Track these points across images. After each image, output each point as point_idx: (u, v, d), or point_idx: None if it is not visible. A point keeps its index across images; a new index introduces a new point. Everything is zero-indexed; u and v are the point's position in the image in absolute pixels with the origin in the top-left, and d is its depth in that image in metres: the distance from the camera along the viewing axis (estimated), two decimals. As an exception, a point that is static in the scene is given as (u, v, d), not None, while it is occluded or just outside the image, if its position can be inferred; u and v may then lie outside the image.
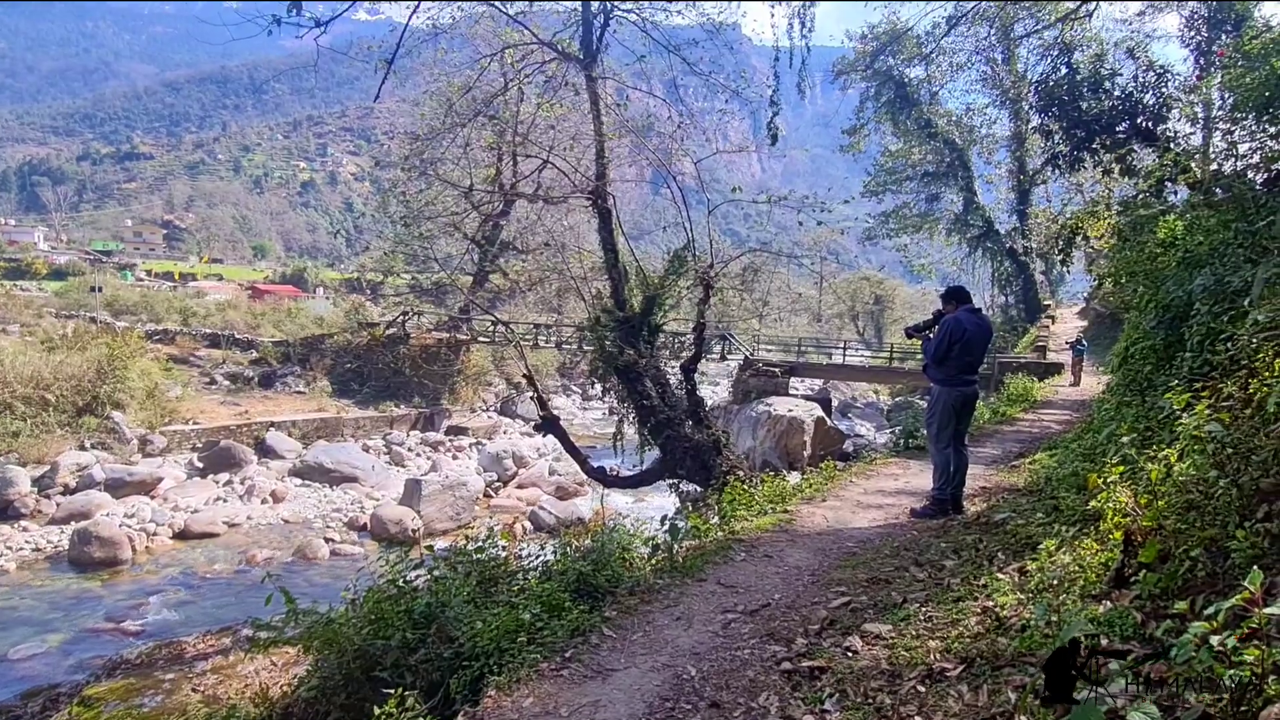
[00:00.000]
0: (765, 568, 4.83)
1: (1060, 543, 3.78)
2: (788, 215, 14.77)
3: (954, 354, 5.87)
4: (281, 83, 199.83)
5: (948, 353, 5.90)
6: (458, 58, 19.64)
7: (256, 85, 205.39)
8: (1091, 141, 11.36)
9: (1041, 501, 5.58)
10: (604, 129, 13.71)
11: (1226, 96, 9.21)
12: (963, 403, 6.07)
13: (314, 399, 27.77)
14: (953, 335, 5.86)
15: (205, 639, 10.45)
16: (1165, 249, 7.03)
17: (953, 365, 5.92)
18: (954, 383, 5.97)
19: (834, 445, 20.09)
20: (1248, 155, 7.88)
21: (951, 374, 5.94)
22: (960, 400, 6.05)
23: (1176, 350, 5.46)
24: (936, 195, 34.78)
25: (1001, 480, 7.42)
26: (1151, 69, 11.64)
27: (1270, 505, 2.80)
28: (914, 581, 4.24)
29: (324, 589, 13.07)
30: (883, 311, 47.18)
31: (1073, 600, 3.07)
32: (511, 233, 26.56)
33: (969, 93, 33.08)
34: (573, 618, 3.93)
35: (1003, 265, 33.55)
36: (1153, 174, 9.68)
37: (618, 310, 13.10)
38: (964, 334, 5.88)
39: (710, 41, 14.80)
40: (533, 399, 14.53)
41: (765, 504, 6.64)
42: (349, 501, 19.92)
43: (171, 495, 18.68)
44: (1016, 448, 9.70)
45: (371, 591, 4.74)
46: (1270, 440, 2.98)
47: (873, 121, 33.95)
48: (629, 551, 5.11)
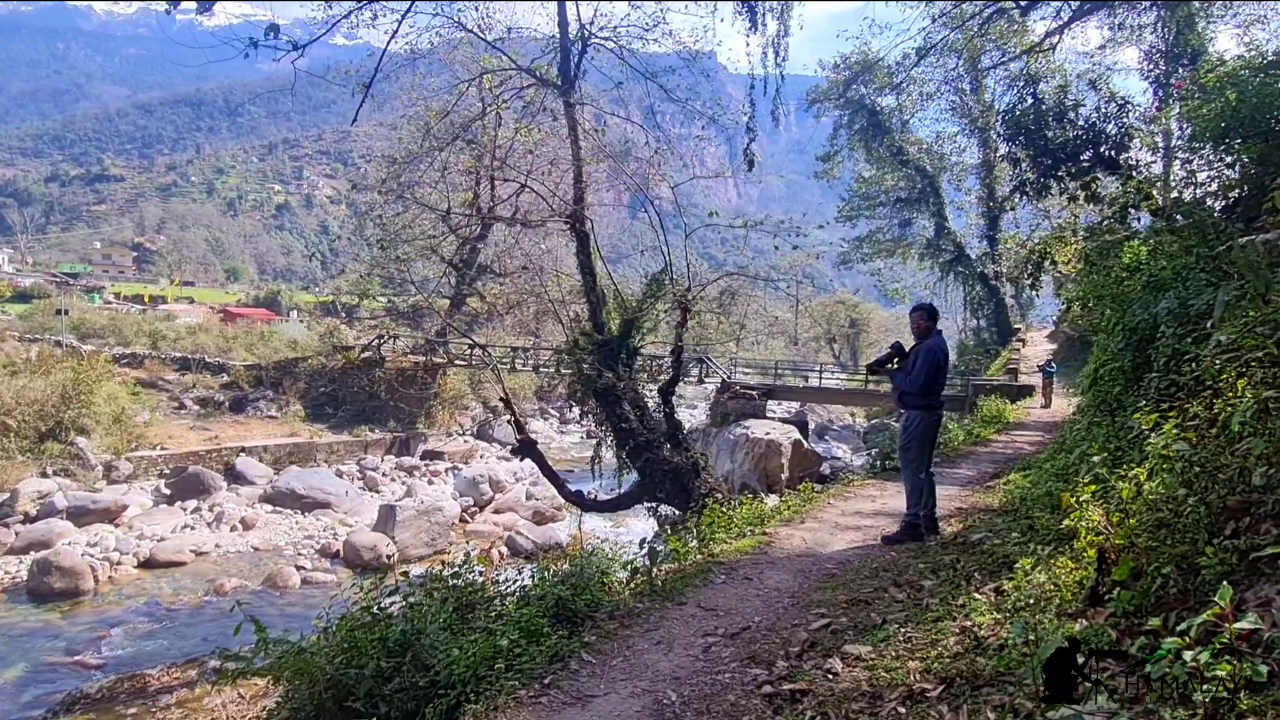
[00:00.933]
0: (745, 590, 4.81)
1: (1036, 562, 3.81)
2: (764, 239, 14.96)
3: (939, 381, 5.88)
4: (257, 105, 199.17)
5: (934, 380, 5.86)
6: (436, 82, 19.78)
7: (232, 108, 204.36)
8: (1057, 169, 11.68)
9: (1017, 521, 5.63)
10: (582, 154, 13.83)
11: (1185, 127, 9.53)
12: (938, 427, 6.15)
13: (286, 423, 27.34)
14: (938, 362, 5.83)
15: (170, 671, 10.15)
16: (1130, 273, 7.21)
17: (935, 392, 5.93)
18: (934, 408, 5.98)
19: (811, 467, 20.15)
20: (1206, 183, 8.13)
21: (933, 401, 5.95)
22: (937, 425, 6.11)
23: (1144, 371, 5.58)
24: (909, 220, 35.46)
25: (977, 501, 7.49)
26: (1113, 100, 12.03)
27: (1238, 522, 2.86)
28: (893, 602, 4.24)
29: (295, 618, 12.77)
30: (858, 335, 47.71)
31: (1049, 619, 3.09)
32: (489, 256, 26.57)
33: (939, 121, 33.82)
34: (551, 643, 3.88)
35: (974, 289, 34.20)
36: (1116, 201, 9.95)
37: (596, 333, 13.11)
38: (946, 359, 5.92)
39: (686, 69, 15.04)
40: (510, 422, 14.44)
41: (744, 526, 6.63)
42: (322, 528, 19.54)
43: (137, 523, 18.20)
44: (991, 468, 9.81)
45: (345, 619, 4.65)
46: (1235, 459, 3.05)
47: (846, 148, 34.70)
48: (608, 575, 5.07)
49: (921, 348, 5.87)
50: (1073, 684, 2.07)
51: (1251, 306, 3.28)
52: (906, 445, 6.05)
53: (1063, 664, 2.07)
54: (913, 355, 5.96)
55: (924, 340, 5.89)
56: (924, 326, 5.90)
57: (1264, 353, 3.18)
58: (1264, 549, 2.44)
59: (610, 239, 20.60)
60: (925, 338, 5.92)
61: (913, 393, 5.90)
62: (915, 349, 5.97)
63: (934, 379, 5.83)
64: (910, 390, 5.92)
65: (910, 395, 5.93)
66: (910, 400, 5.96)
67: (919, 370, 5.85)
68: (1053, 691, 2.09)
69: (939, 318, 5.98)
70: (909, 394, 5.93)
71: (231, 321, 48.54)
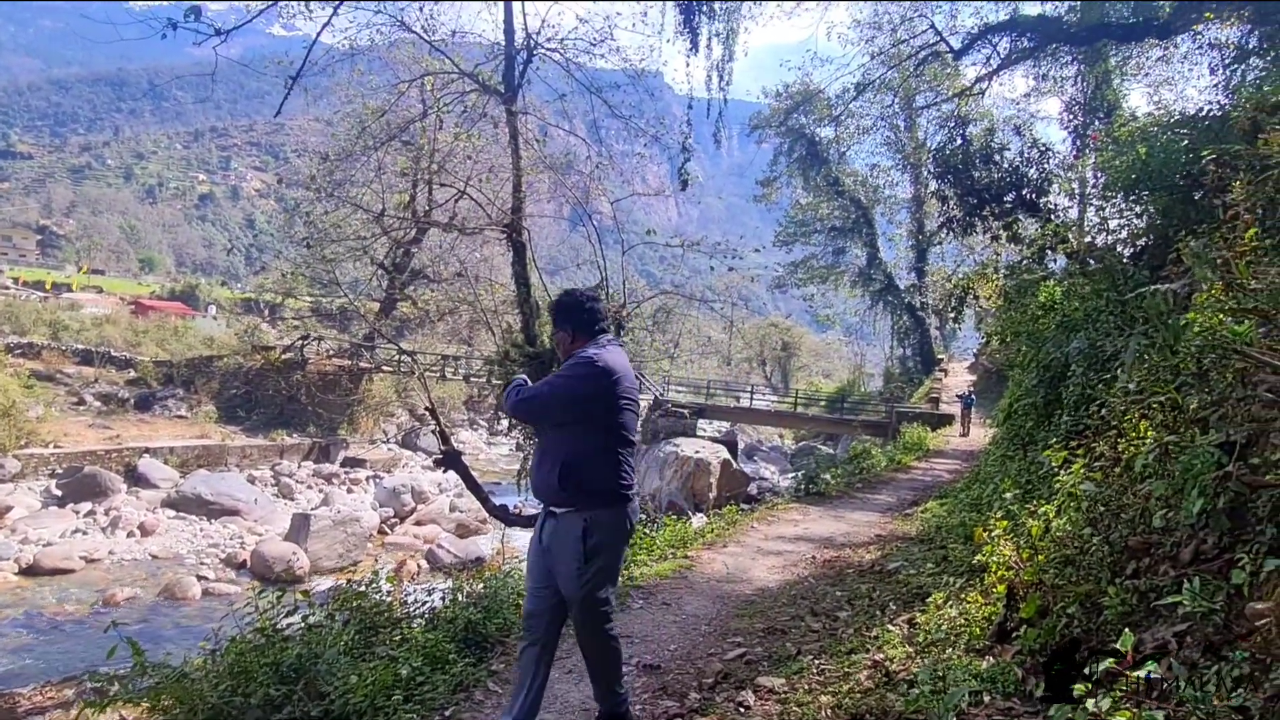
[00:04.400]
0: (662, 616, 4.72)
1: (948, 595, 3.85)
2: (701, 259, 15.07)
3: (614, 429, 2.92)
4: (185, 90, 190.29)
5: (588, 449, 2.90)
6: (375, 81, 19.27)
7: (156, 91, 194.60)
8: (982, 209, 12.18)
9: (932, 551, 5.74)
10: (522, 163, 13.66)
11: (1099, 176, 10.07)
12: (618, 555, 3.07)
13: (197, 424, 25.93)
14: (612, 390, 2.91)
15: (44, 691, 9.34)
16: (1045, 312, 7.52)
17: (602, 470, 2.91)
18: (623, 498, 2.96)
19: (739, 487, 20.32)
20: (1117, 230, 8.56)
21: (616, 484, 2.92)
22: (617, 550, 3.03)
23: (1055, 408, 5.79)
24: (842, 249, 36.50)
25: (896, 528, 7.63)
26: (1035, 146, 12.65)
27: (1139, 562, 2.93)
28: (809, 631, 4.23)
29: (193, 632, 11.99)
30: (789, 358, 48.65)
31: (958, 655, 3.10)
32: (423, 261, 25.96)
33: (874, 154, 35.04)
34: (457, 671, 3.70)
35: (902, 319, 35.39)
36: (1035, 242, 10.42)
37: (528, 345, 12.91)
38: (609, 391, 2.91)
39: (632, 86, 15.08)
40: (434, 432, 14.02)
41: (666, 549, 6.55)
42: (228, 536, 18.51)
43: (21, 526, 16.85)
44: (910, 495, 10.05)
45: (235, 641, 4.32)
46: (1138, 499, 3.14)
47: (785, 175, 35.58)
48: (523, 597, 4.89)
49: (578, 359, 2.94)
50: (1073, 683, 2.06)
51: (1159, 355, 3.40)
52: (592, 581, 2.90)
53: (1064, 663, 2.07)
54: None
55: (571, 363, 2.97)
56: (567, 345, 3.07)
57: (1166, 397, 3.30)
58: (1162, 592, 2.50)
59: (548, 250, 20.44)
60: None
61: (555, 487, 2.91)
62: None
63: (587, 446, 2.89)
64: (552, 485, 2.92)
65: (556, 492, 2.92)
66: (559, 497, 2.94)
67: (551, 452, 2.97)
68: (1053, 691, 2.08)
69: (601, 319, 3.08)
70: (568, 479, 2.88)
71: (143, 314, 45.87)
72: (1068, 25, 14.24)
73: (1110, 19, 13.33)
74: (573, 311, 3.06)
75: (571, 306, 3.07)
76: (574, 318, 3.05)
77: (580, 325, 3.03)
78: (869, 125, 31.80)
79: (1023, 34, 14.95)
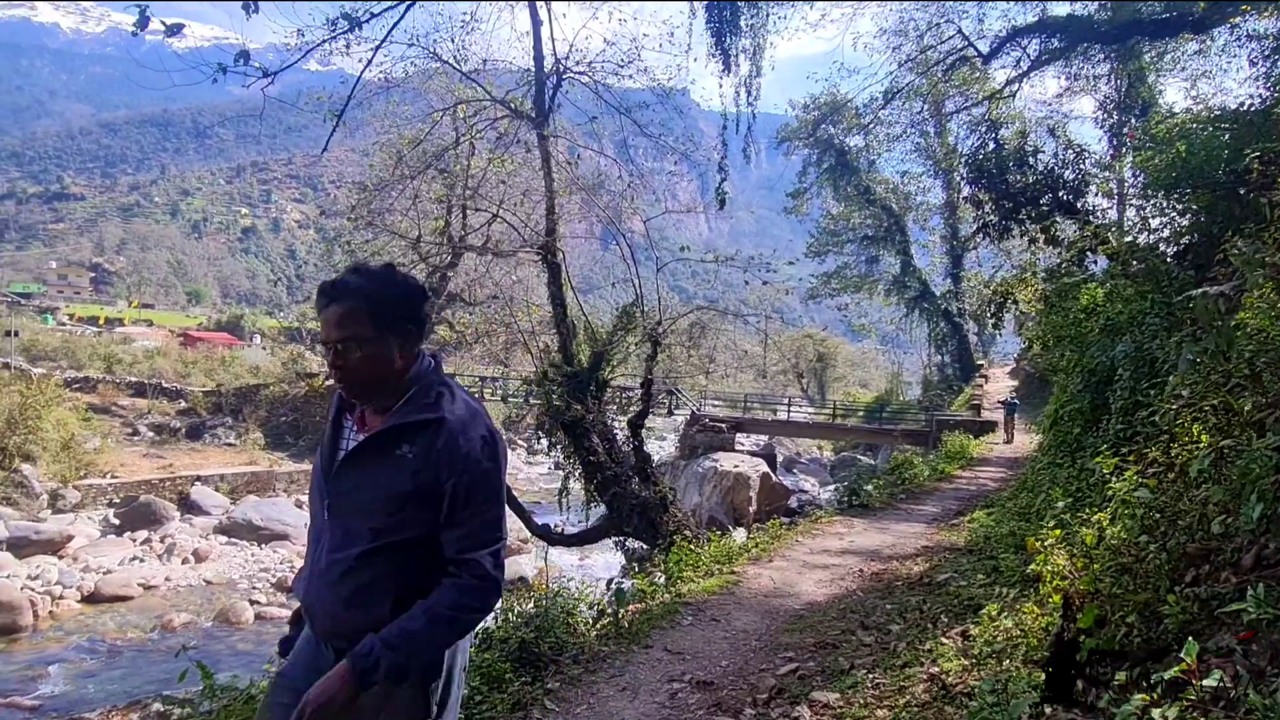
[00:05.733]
0: (712, 632, 4.74)
1: (1001, 607, 3.82)
2: (734, 273, 15.11)
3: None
4: (226, 128, 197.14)
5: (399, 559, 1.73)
6: (409, 110, 19.75)
7: (200, 129, 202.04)
8: (1018, 213, 12.01)
9: (982, 562, 5.66)
10: (554, 186, 13.87)
11: (1138, 175, 9.89)
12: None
13: (245, 451, 26.64)
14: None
15: (110, 714, 9.64)
16: (1088, 315, 7.40)
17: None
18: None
19: (779, 501, 20.18)
20: (1159, 229, 8.40)
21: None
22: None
23: (1102, 414, 5.70)
24: (875, 257, 36.17)
25: (942, 539, 7.53)
26: (1070, 147, 12.46)
27: (1198, 569, 2.89)
28: (861, 646, 4.21)
29: (248, 656, 12.30)
30: (825, 369, 48.18)
31: (1016, 666, 3.08)
32: (459, 284, 26.38)
33: (905, 162, 34.78)
34: (514, 690, 3.76)
35: (938, 326, 34.88)
36: (1074, 244, 10.26)
37: (565, 365, 13.04)
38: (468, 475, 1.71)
39: (660, 105, 15.26)
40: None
41: (712, 565, 6.57)
42: (278, 561, 18.94)
43: (82, 555, 17.46)
44: (955, 505, 9.90)
45: (298, 664, 4.46)
46: (1194, 505, 3.09)
47: (815, 186, 35.45)
48: (573, 616, 4.95)
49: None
50: (1073, 683, 2.06)
51: (1211, 361, 3.35)
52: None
53: (1064, 663, 2.06)
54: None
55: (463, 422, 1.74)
56: (387, 361, 1.74)
57: (1219, 401, 3.25)
58: (1224, 599, 2.47)
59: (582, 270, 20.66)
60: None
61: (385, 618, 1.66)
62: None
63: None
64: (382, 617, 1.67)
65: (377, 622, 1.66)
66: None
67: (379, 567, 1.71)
68: (1054, 691, 2.08)
69: (417, 328, 1.81)
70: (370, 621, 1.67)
71: (192, 345, 47.37)
72: (1099, 24, 14.04)
73: (1143, 15, 13.12)
74: (414, 307, 1.77)
75: (411, 298, 1.77)
76: (416, 317, 1.77)
77: (419, 332, 1.79)
78: (898, 132, 31.60)
79: (1052, 35, 14.77)
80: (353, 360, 1.70)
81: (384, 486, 1.68)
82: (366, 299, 1.70)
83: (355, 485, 1.73)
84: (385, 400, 1.76)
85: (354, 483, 1.73)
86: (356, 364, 1.71)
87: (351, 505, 1.73)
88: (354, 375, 1.72)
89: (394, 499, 1.68)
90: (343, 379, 1.75)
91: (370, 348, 1.70)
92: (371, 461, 1.72)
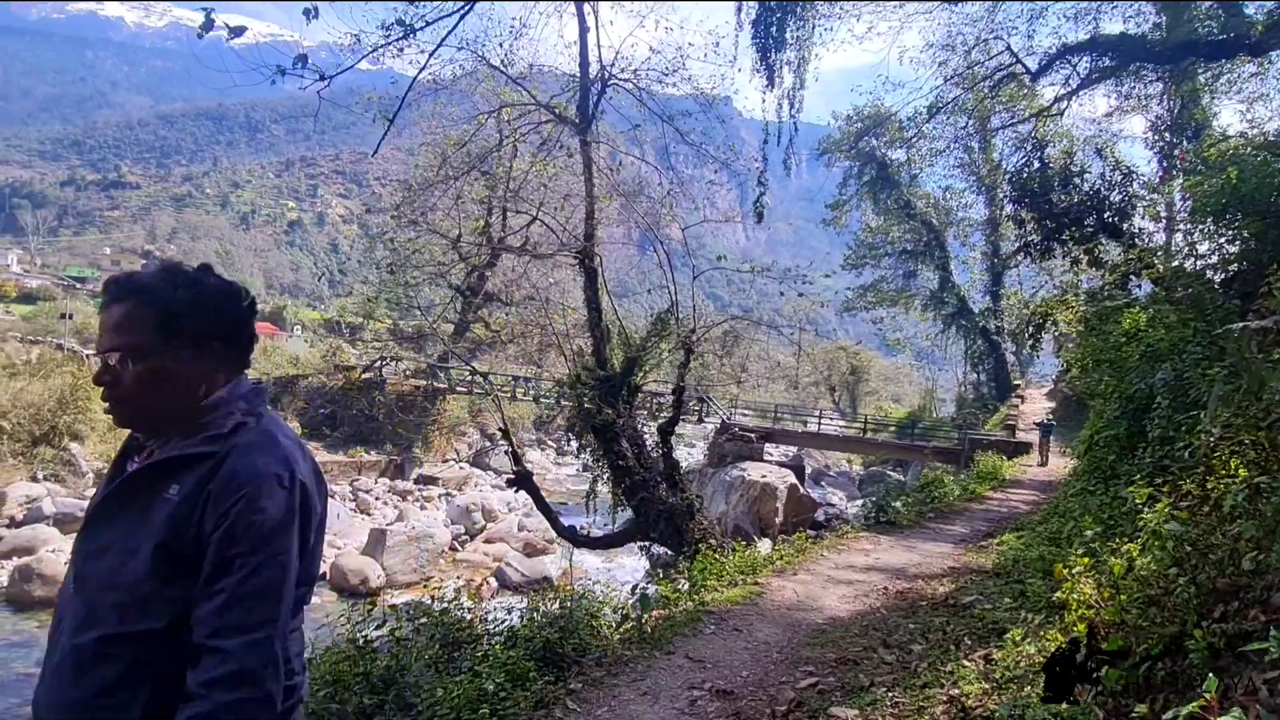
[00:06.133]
0: (734, 642, 4.78)
1: (1025, 632, 3.81)
2: (770, 283, 15.11)
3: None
4: (278, 124, 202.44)
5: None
6: (455, 112, 20.15)
7: (253, 124, 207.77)
8: (1061, 233, 11.83)
9: (1009, 585, 5.62)
10: (595, 190, 14.03)
11: (1186, 199, 9.69)
12: None
13: (282, 440, 27.25)
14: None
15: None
16: (1129, 340, 7.29)
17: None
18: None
19: (806, 513, 20.04)
20: (1206, 255, 8.23)
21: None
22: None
23: (1139, 441, 5.62)
24: (913, 272, 35.77)
25: (970, 560, 7.46)
26: (1118, 168, 12.24)
27: (1226, 605, 2.87)
28: (881, 664, 4.23)
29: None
30: (858, 382, 47.69)
31: (1037, 692, 3.08)
32: (496, 284, 26.78)
33: (947, 177, 34.40)
34: (537, 689, 3.86)
35: (975, 344, 34.34)
36: (1118, 268, 10.09)
37: (598, 368, 13.16)
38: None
39: (702, 113, 15.35)
40: (507, 453, 14.41)
41: (736, 574, 6.61)
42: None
43: (125, 533, 18.04)
44: (985, 527, 9.78)
45: (329, 650, 4.62)
46: (1226, 540, 3.07)
47: (854, 198, 35.22)
48: (597, 619, 5.05)
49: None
50: (1073, 684, 2.08)
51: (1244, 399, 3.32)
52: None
53: (1064, 664, 2.08)
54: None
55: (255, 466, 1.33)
56: (184, 385, 1.38)
57: (1259, 434, 3.22)
58: (1251, 637, 2.45)
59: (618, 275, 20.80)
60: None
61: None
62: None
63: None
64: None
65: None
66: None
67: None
68: (1054, 692, 2.10)
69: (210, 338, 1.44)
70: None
71: (235, 334, 48.55)
72: (1152, 44, 13.76)
73: (1198, 36, 12.83)
74: (223, 318, 1.43)
75: (220, 305, 1.42)
76: (226, 332, 1.44)
77: (231, 352, 1.46)
78: (941, 147, 31.28)
79: (1104, 53, 14.51)
80: (126, 377, 1.31)
81: (140, 541, 1.27)
82: (155, 300, 1.32)
83: (106, 545, 1.32)
84: (175, 436, 1.35)
85: (106, 540, 1.33)
86: (131, 383, 1.31)
87: (98, 573, 1.30)
88: (126, 398, 1.32)
89: (147, 560, 1.25)
90: (111, 402, 1.34)
91: (151, 362, 1.31)
92: (130, 510, 1.33)
